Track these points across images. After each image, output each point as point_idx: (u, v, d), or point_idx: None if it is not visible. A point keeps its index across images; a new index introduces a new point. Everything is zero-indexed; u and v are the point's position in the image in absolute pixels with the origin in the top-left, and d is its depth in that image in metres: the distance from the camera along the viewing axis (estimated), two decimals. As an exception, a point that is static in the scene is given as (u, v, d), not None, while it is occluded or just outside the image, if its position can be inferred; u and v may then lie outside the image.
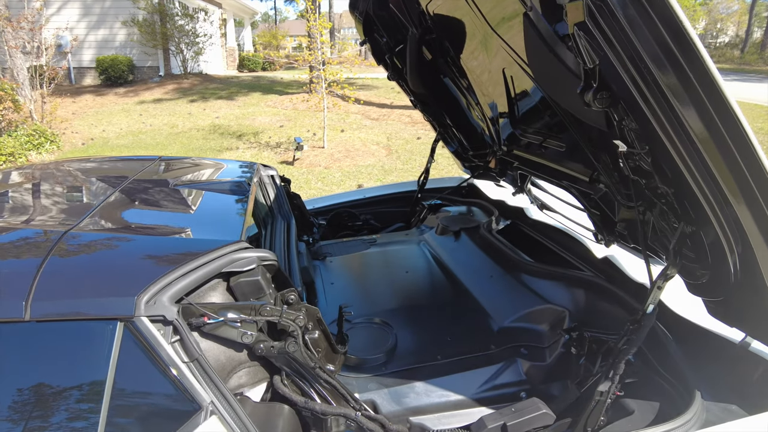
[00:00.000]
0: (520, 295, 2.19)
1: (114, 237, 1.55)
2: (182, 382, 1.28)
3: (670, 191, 1.34)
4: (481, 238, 2.67)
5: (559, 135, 2.14)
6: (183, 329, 1.30)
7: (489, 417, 1.63)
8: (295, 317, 1.46)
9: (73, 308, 1.27)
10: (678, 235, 1.44)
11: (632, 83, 1.10)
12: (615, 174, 1.88)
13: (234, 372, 1.48)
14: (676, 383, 1.63)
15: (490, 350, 1.95)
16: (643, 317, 1.55)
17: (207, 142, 10.07)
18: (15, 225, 1.63)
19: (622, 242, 2.05)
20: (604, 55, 1.11)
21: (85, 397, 1.25)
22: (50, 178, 2.25)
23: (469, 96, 2.72)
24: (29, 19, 9.92)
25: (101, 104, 13.49)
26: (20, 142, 8.54)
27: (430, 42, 2.65)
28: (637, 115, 1.21)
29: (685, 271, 1.56)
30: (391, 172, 8.03)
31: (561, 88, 1.63)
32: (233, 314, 1.39)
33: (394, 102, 13.34)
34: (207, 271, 1.39)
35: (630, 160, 1.40)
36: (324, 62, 9.03)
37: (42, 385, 1.26)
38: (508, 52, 2.00)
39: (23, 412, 1.23)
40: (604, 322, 1.95)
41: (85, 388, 1.26)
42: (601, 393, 1.58)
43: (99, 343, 1.27)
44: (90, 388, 1.26)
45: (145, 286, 1.29)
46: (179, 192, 2.03)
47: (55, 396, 1.25)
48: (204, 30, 16.53)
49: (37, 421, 1.23)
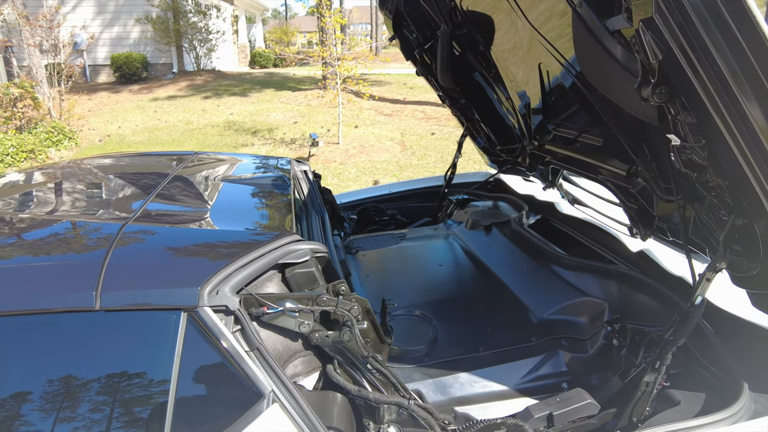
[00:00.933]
0: (557, 288, 2.21)
1: (172, 229, 1.59)
2: (245, 371, 1.31)
3: (724, 184, 1.36)
4: (513, 232, 2.69)
5: (595, 129, 2.15)
6: (244, 319, 1.34)
7: (535, 407, 1.65)
8: (349, 307, 1.49)
9: (139, 298, 1.31)
10: (728, 227, 1.46)
11: (695, 77, 1.12)
12: (654, 167, 1.89)
13: (290, 361, 1.52)
14: (721, 375, 1.65)
15: (530, 342, 1.98)
16: (691, 308, 1.56)
17: (222, 138, 10.14)
18: (72, 218, 1.68)
19: (660, 236, 2.06)
20: (668, 50, 1.13)
21: (153, 385, 1.29)
22: (94, 173, 2.29)
23: (499, 90, 2.73)
24: (47, 17, 10.03)
25: (116, 101, 13.60)
26: (40, 139, 8.65)
27: (460, 37, 2.67)
28: (697, 109, 1.22)
29: (732, 264, 1.57)
30: (407, 168, 8.05)
31: (611, 84, 1.64)
32: (291, 304, 1.43)
33: (407, 97, 13.35)
34: (265, 262, 1.43)
35: (683, 153, 1.41)
36: (339, 58, 9.05)
37: (111, 372, 1.30)
38: (546, 47, 2.01)
39: (94, 398, 1.27)
40: (644, 315, 1.96)
41: (152, 376, 1.30)
42: (647, 383, 1.61)
43: (164, 332, 1.31)
44: (157, 376, 1.30)
45: (208, 277, 1.33)
46: (226, 186, 2.07)
47: (124, 383, 1.29)
48: (216, 27, 16.62)
49: (107, 407, 1.27)
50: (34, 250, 1.47)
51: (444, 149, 8.94)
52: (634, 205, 2.12)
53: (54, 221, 1.65)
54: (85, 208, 1.81)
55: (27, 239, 1.54)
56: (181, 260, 1.44)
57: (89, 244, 1.50)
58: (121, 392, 1.28)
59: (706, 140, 1.29)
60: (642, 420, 1.60)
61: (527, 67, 2.31)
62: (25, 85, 9.01)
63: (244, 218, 1.76)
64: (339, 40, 9.48)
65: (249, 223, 1.71)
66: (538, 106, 2.43)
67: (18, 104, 8.68)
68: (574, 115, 2.26)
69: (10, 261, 1.42)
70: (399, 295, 2.33)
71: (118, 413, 1.26)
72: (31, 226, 1.64)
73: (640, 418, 1.60)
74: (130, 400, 1.27)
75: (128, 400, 1.27)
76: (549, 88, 2.27)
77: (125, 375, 1.30)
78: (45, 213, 1.75)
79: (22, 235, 1.57)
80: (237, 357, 1.31)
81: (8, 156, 7.76)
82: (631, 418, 1.62)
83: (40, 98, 9.49)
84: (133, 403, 1.27)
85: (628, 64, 1.44)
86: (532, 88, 2.38)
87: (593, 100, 1.94)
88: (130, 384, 1.29)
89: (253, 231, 1.64)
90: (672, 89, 1.23)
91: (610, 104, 1.83)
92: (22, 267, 1.40)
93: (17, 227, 1.63)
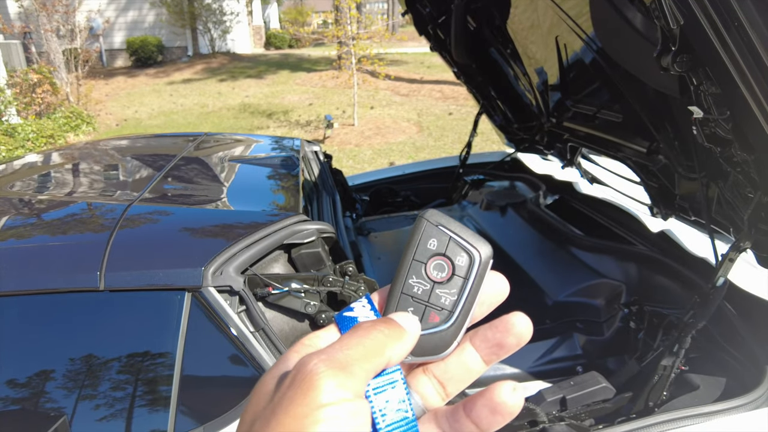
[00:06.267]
0: (573, 270, 2.16)
1: (177, 210, 1.57)
2: (250, 352, 1.30)
3: (750, 158, 1.28)
4: (530, 212, 2.63)
5: (614, 105, 2.07)
6: (249, 299, 1.32)
7: (548, 390, 1.62)
8: (356, 288, 1.46)
9: (143, 279, 1.30)
10: (754, 205, 1.38)
11: (720, 43, 1.04)
12: (676, 144, 1.82)
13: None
14: (743, 359, 1.59)
15: (545, 324, 1.94)
16: (712, 290, 1.50)
17: (237, 121, 10.15)
18: (78, 198, 1.67)
19: (682, 215, 1.98)
20: (690, 13, 1.05)
21: (158, 366, 1.29)
22: (103, 155, 2.29)
23: (516, 66, 2.65)
24: (63, 2, 10.07)
25: (133, 85, 13.69)
26: (58, 125, 8.75)
27: (475, 10, 2.58)
28: (721, 77, 1.15)
29: (758, 244, 1.50)
30: (423, 149, 7.96)
31: (630, 54, 1.56)
32: (297, 285, 1.40)
33: (424, 77, 13.17)
34: (270, 242, 1.41)
35: (705, 127, 1.33)
36: (353, 37, 8.93)
37: (116, 352, 1.30)
38: (564, 18, 1.93)
39: (100, 379, 1.27)
40: (663, 297, 1.90)
41: (157, 357, 1.30)
42: (665, 367, 1.55)
43: (168, 312, 1.30)
44: (161, 356, 1.29)
45: (212, 257, 1.31)
46: (233, 166, 2.04)
47: (130, 363, 1.29)
48: (230, 8, 16.53)
49: (113, 387, 1.27)
50: (41, 230, 1.47)
51: (462, 129, 8.81)
52: (655, 183, 2.05)
53: (60, 202, 1.65)
54: (89, 189, 1.80)
55: (33, 220, 1.54)
56: (186, 240, 1.43)
57: (94, 224, 1.49)
58: (126, 372, 1.28)
59: (730, 112, 1.21)
60: (659, 404, 1.55)
61: (544, 40, 2.22)
62: (44, 70, 9.10)
63: (250, 198, 1.74)
64: (354, 18, 9.35)
65: (255, 203, 1.69)
66: (556, 83, 2.35)
67: (37, 90, 8.78)
68: (593, 91, 2.18)
69: (18, 241, 1.42)
70: (411, 276, 2.29)
71: (123, 393, 1.26)
72: (37, 207, 1.64)
73: (657, 402, 1.56)
74: (135, 381, 1.27)
75: (133, 381, 1.27)
76: (567, 63, 2.19)
77: (130, 355, 1.29)
78: (52, 194, 1.75)
79: (29, 216, 1.57)
80: (242, 337, 1.29)
81: (29, 141, 7.87)
82: (648, 402, 1.57)
83: (58, 83, 9.58)
84: (137, 384, 1.27)
85: (648, 32, 1.37)
86: (550, 63, 2.30)
87: (613, 74, 1.86)
88: (135, 365, 1.28)
89: (259, 211, 1.61)
90: (694, 57, 1.15)
91: (630, 78, 1.75)
92: (29, 247, 1.40)
93: (24, 208, 1.63)
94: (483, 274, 0.38)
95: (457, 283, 0.38)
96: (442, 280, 0.38)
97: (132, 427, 1.23)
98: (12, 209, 1.60)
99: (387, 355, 0.33)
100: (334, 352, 0.32)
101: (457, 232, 0.39)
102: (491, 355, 0.39)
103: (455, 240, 0.38)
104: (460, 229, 0.39)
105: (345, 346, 0.32)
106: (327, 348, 0.32)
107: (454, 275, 0.38)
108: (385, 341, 0.34)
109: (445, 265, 0.38)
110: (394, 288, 0.39)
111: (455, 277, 0.38)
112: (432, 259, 0.38)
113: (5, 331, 1.27)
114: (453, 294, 0.38)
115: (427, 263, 0.38)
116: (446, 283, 0.38)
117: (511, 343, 0.38)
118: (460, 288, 0.38)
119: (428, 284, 0.38)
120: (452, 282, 0.38)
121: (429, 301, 0.38)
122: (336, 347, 0.32)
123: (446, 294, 0.38)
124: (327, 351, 0.32)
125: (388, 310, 0.38)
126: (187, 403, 1.25)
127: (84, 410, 1.24)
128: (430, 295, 0.38)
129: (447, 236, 0.38)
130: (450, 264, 0.38)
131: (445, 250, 0.38)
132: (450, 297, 0.38)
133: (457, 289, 0.38)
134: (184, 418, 1.24)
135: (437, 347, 0.38)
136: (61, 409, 1.23)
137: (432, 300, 0.38)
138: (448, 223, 0.39)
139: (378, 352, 0.33)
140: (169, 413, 1.23)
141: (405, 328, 0.36)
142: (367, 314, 0.38)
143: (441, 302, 0.38)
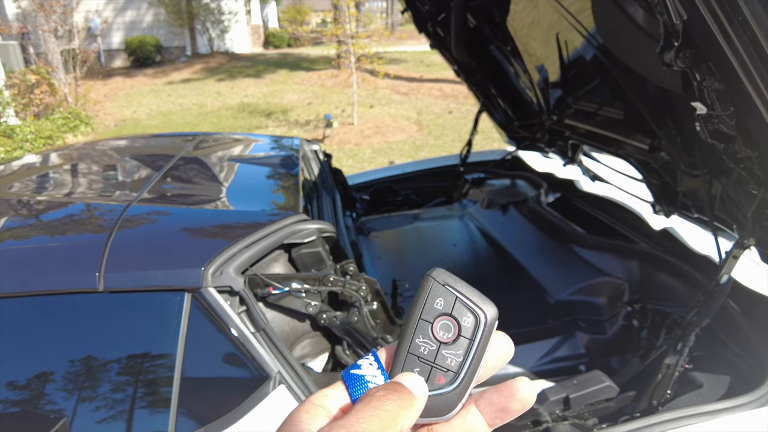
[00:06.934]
0: (575, 268, 2.15)
1: (176, 210, 1.56)
2: (250, 352, 1.29)
3: (753, 155, 1.27)
4: (531, 211, 2.62)
5: (616, 101, 2.06)
6: (249, 300, 1.31)
7: (551, 390, 1.60)
8: (357, 288, 1.45)
9: (143, 280, 1.29)
10: (757, 202, 1.37)
11: (724, 38, 1.03)
12: (678, 141, 1.80)
13: (297, 342, 1.49)
14: (747, 357, 1.58)
15: (547, 324, 1.93)
16: (716, 288, 1.49)
17: (236, 121, 10.13)
18: (77, 199, 1.66)
19: (685, 213, 1.97)
20: (693, 8, 1.04)
21: (158, 367, 1.28)
22: (102, 155, 2.28)
23: (516, 63, 2.64)
24: (61, 2, 10.04)
25: (131, 86, 13.67)
26: (57, 125, 8.73)
27: (474, 8, 2.57)
28: (725, 73, 1.13)
29: (762, 241, 1.49)
30: (423, 148, 7.95)
31: (632, 50, 1.55)
32: (297, 284, 1.39)
33: (424, 75, 13.15)
34: (270, 242, 1.39)
35: (709, 123, 1.32)
36: (353, 36, 8.91)
37: (116, 354, 1.29)
38: (564, 15, 1.92)
39: (100, 380, 1.26)
40: (666, 295, 1.89)
41: (157, 358, 1.29)
42: (668, 366, 1.54)
43: (168, 313, 1.29)
44: (162, 358, 1.28)
45: (212, 258, 1.30)
46: (233, 166, 2.03)
47: (130, 365, 1.28)
48: (229, 7, 16.51)
49: (113, 388, 1.26)
50: (40, 231, 1.46)
51: (462, 128, 8.80)
52: (657, 180, 2.04)
53: (58, 203, 1.64)
54: (88, 190, 1.79)
55: (32, 221, 1.53)
56: (185, 241, 1.42)
57: (93, 225, 1.48)
58: (126, 374, 1.27)
59: (734, 108, 1.20)
60: (662, 403, 1.54)
61: (544, 37, 2.21)
62: (42, 71, 9.08)
63: (249, 198, 1.73)
64: (353, 17, 9.33)
65: (254, 203, 1.67)
66: (557, 80, 2.34)
67: (35, 91, 8.76)
68: (594, 87, 2.17)
69: (16, 242, 1.41)
70: (411, 276, 2.28)
71: (123, 395, 1.25)
72: (36, 208, 1.63)
73: (661, 401, 1.55)
74: (135, 383, 1.26)
75: (133, 383, 1.26)
76: (568, 60, 2.18)
77: (130, 357, 1.28)
78: (50, 195, 1.74)
79: (28, 217, 1.56)
80: (243, 338, 1.28)
81: (27, 143, 7.85)
82: (651, 401, 1.56)
83: (56, 84, 9.56)
84: (138, 386, 1.26)
85: (650, 28, 1.35)
86: (550, 60, 2.29)
87: (614, 70, 1.85)
88: (135, 366, 1.27)
89: (259, 211, 1.60)
90: (697, 52, 1.14)
91: (632, 74, 1.73)
92: (28, 248, 1.39)
93: (22, 209, 1.62)
94: (488, 336, 0.38)
95: (463, 344, 0.38)
96: (449, 340, 0.38)
97: (132, 429, 1.22)
98: (11, 210, 1.59)
99: (400, 425, 0.34)
100: (351, 424, 0.33)
101: (463, 292, 0.39)
102: (495, 419, 0.39)
103: (461, 300, 0.39)
104: (466, 290, 0.39)
105: (361, 420, 0.33)
106: (345, 421, 0.33)
107: (460, 336, 0.38)
108: (398, 411, 0.34)
109: (451, 326, 0.38)
110: (401, 347, 0.39)
111: (461, 338, 0.38)
112: (438, 319, 0.39)
113: (5, 333, 1.26)
114: (459, 355, 0.38)
115: (434, 323, 0.38)
116: (452, 343, 0.38)
117: (516, 408, 0.38)
118: (466, 349, 0.38)
119: (434, 345, 0.38)
120: (458, 343, 0.38)
121: (435, 362, 0.38)
122: (353, 420, 0.33)
123: (452, 355, 0.38)
124: (345, 425, 0.33)
125: (395, 370, 0.38)
126: (187, 405, 1.24)
127: (84, 412, 1.23)
128: (436, 356, 0.38)
129: (453, 296, 0.39)
130: (456, 324, 0.38)
131: (451, 311, 0.38)
132: (456, 358, 0.38)
133: (463, 351, 0.38)
134: (185, 419, 1.23)
135: (442, 409, 0.38)
136: (61, 411, 1.22)
137: (438, 361, 0.38)
138: (454, 283, 0.39)
139: (392, 423, 0.34)
140: (169, 415, 1.22)
141: (414, 393, 0.36)
142: (374, 372, 0.38)
143: (447, 363, 0.38)
